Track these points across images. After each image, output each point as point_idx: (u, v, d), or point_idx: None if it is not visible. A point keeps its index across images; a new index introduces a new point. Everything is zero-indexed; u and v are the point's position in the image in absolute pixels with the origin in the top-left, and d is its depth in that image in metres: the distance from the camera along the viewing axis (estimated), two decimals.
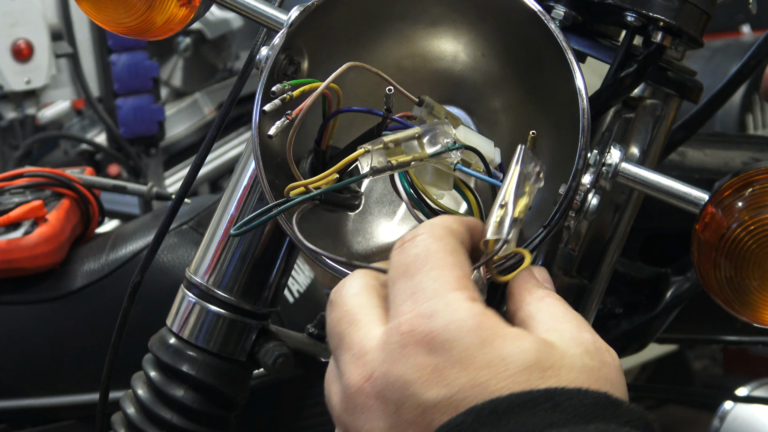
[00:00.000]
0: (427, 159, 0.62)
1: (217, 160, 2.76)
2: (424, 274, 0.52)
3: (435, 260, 0.53)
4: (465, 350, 0.49)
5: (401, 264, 0.54)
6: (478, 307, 0.51)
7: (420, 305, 0.50)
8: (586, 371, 0.50)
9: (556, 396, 0.47)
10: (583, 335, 0.52)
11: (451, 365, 0.48)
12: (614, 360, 0.52)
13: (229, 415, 0.85)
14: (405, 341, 0.50)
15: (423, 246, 0.54)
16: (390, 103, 0.65)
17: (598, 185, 0.68)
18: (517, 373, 0.48)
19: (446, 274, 0.52)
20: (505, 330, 0.50)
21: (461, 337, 0.49)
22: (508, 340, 0.49)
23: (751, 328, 0.74)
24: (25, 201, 1.21)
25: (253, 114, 0.68)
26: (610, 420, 0.46)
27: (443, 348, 0.49)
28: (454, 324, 0.49)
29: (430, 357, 0.49)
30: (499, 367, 0.48)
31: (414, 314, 0.50)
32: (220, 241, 0.84)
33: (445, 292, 0.51)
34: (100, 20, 0.80)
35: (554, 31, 0.66)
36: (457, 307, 0.50)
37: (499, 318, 0.51)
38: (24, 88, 2.37)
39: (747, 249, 0.68)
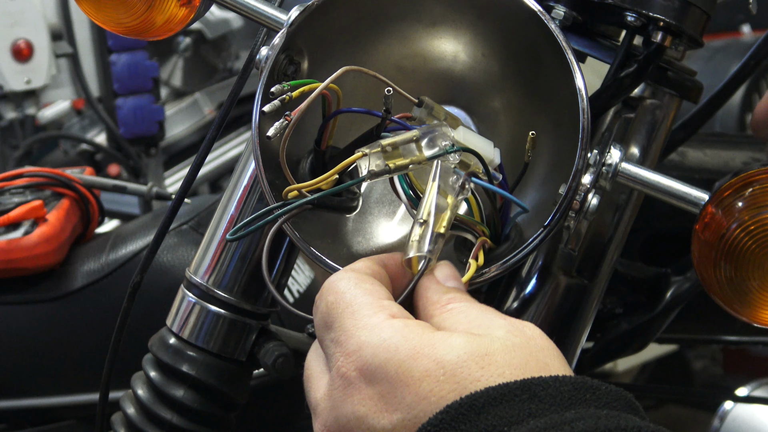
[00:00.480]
0: (425, 162, 0.62)
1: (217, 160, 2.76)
2: (340, 317, 0.54)
3: (345, 299, 0.54)
4: (400, 368, 0.49)
5: (320, 319, 0.56)
6: (399, 322, 0.52)
7: (346, 345, 0.52)
8: (518, 348, 0.50)
9: (532, 386, 0.47)
10: (496, 321, 0.53)
11: (393, 388, 0.49)
12: (535, 330, 0.53)
13: (229, 415, 0.85)
14: (345, 383, 0.51)
15: (331, 291, 0.56)
16: (389, 104, 0.65)
17: (598, 185, 0.68)
18: (456, 372, 0.48)
19: (359, 307, 0.53)
20: (432, 335, 0.51)
21: (391, 356, 0.50)
22: (437, 343, 0.50)
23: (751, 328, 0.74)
24: (25, 201, 1.21)
25: (253, 114, 0.68)
26: (588, 404, 0.47)
27: (380, 374, 0.50)
28: (381, 347, 0.50)
29: (372, 387, 0.50)
30: (437, 373, 0.49)
31: (345, 355, 0.51)
32: (220, 241, 0.84)
33: (362, 322, 0.52)
34: (100, 20, 0.80)
35: (554, 31, 0.66)
36: (378, 331, 0.51)
37: (423, 325, 0.52)
38: (24, 88, 2.37)
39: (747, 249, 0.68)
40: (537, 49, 0.69)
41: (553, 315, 0.79)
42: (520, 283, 0.80)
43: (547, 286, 0.80)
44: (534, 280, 0.80)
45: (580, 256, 0.79)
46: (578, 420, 0.45)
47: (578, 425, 0.44)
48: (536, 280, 0.80)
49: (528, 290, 0.80)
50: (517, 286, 0.80)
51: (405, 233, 0.75)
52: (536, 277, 0.80)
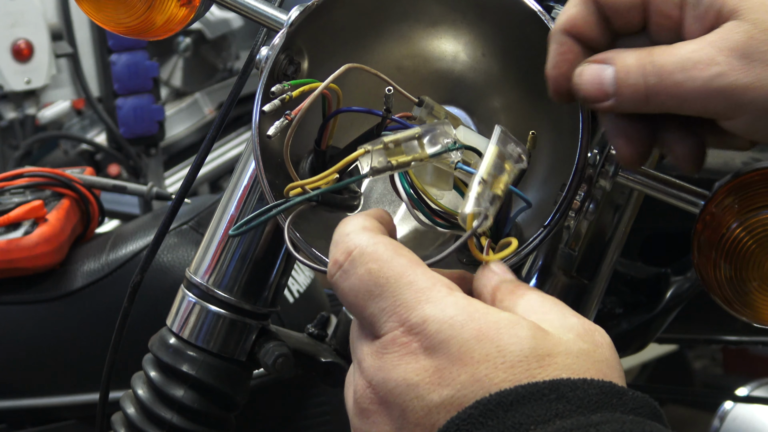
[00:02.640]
0: (427, 159, 0.62)
1: (217, 160, 2.76)
2: (393, 286, 0.52)
3: (392, 268, 0.53)
4: (462, 347, 0.49)
5: (359, 289, 0.53)
6: (463, 300, 0.51)
7: (408, 318, 0.51)
8: (582, 355, 0.50)
9: (560, 387, 0.47)
10: (569, 320, 0.52)
11: (451, 364, 0.49)
12: (605, 338, 0.52)
13: (229, 415, 0.85)
14: (402, 351, 0.50)
15: (369, 259, 0.54)
16: (389, 103, 0.65)
17: (598, 185, 0.68)
18: (515, 364, 0.48)
19: (413, 276, 0.52)
20: (499, 317, 0.50)
21: (455, 335, 0.49)
22: (503, 329, 0.50)
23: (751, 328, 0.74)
24: (25, 201, 1.21)
25: (253, 114, 0.68)
26: (614, 408, 0.47)
27: (441, 349, 0.49)
28: (446, 324, 0.50)
29: (430, 360, 0.50)
30: (497, 360, 0.48)
31: (406, 327, 0.51)
32: (220, 241, 0.84)
33: (424, 295, 0.51)
34: (100, 20, 0.80)
35: None
36: (443, 306, 0.51)
37: (489, 306, 0.52)
38: (24, 88, 2.37)
39: (747, 249, 0.68)
40: (537, 49, 0.69)
41: None
42: None
43: (547, 286, 0.80)
44: (534, 280, 0.80)
45: (580, 256, 0.79)
46: (604, 423, 0.45)
47: (604, 428, 0.44)
48: (536, 280, 0.80)
49: None
50: None
51: (406, 232, 0.75)
52: (536, 277, 0.80)
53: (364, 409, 0.52)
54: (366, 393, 0.52)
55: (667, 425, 0.48)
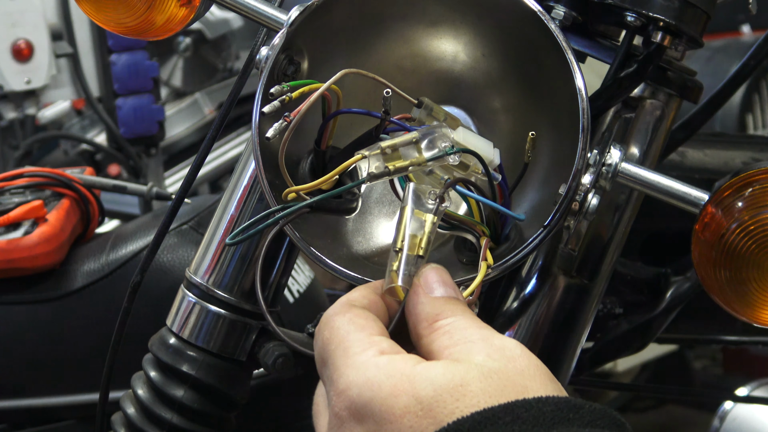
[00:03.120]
0: (425, 164, 0.62)
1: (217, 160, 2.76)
2: (333, 354, 0.55)
3: (338, 336, 0.55)
4: (383, 406, 0.51)
5: (318, 355, 0.57)
6: (385, 359, 0.53)
7: (338, 384, 0.53)
8: (495, 374, 0.51)
9: (515, 409, 0.48)
10: (477, 345, 0.53)
11: (378, 425, 0.51)
12: (515, 351, 0.53)
13: (229, 415, 0.85)
14: (339, 422, 0.53)
15: (327, 327, 0.57)
16: (388, 105, 0.65)
17: (598, 185, 0.68)
18: (433, 407, 0.50)
19: (350, 344, 0.54)
20: (412, 369, 0.52)
21: (374, 395, 0.51)
22: (417, 378, 0.51)
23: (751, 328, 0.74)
24: (25, 201, 1.21)
25: (253, 114, 0.68)
26: (571, 423, 0.48)
27: (366, 413, 0.51)
28: (365, 387, 0.52)
29: (361, 426, 0.52)
30: (416, 409, 0.50)
31: (337, 394, 0.53)
32: (220, 241, 0.84)
33: (352, 360, 0.53)
34: (100, 20, 0.80)
35: (554, 31, 0.66)
36: (364, 370, 0.52)
37: (407, 359, 0.53)
38: (24, 88, 2.37)
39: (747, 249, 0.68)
40: (537, 49, 0.69)
41: (553, 315, 0.79)
42: (520, 283, 0.80)
43: (547, 286, 0.80)
44: (534, 280, 0.80)
45: (580, 256, 0.79)
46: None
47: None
48: (536, 280, 0.80)
49: (528, 290, 0.80)
50: (517, 286, 0.80)
51: None
52: (536, 277, 0.80)
53: None
54: None
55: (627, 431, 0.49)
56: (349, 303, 0.58)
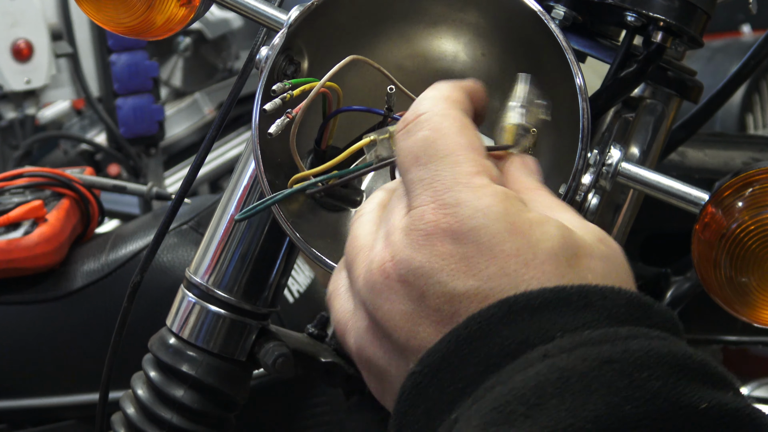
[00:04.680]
0: None
1: (217, 160, 2.76)
2: (439, 160, 0.50)
3: (446, 143, 0.50)
4: (493, 238, 0.47)
5: (410, 151, 0.51)
6: (502, 192, 0.49)
7: (442, 195, 0.49)
8: (605, 258, 0.49)
9: (589, 294, 0.45)
10: (588, 225, 0.51)
11: (480, 254, 0.47)
12: (618, 246, 0.51)
13: (229, 415, 0.85)
14: (429, 230, 0.48)
15: (430, 127, 0.51)
16: (391, 101, 0.65)
17: (598, 185, 0.68)
18: (545, 261, 0.47)
19: (462, 158, 0.50)
20: (529, 215, 0.49)
21: (488, 224, 0.47)
22: (535, 226, 0.48)
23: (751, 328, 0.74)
24: (25, 201, 1.21)
25: (254, 114, 0.68)
26: (641, 322, 0.45)
27: (471, 237, 0.47)
28: (480, 212, 0.48)
29: (457, 246, 0.47)
30: (527, 256, 0.47)
31: (437, 204, 0.48)
32: (220, 241, 0.83)
33: (465, 178, 0.49)
34: (100, 20, 0.80)
35: (554, 31, 0.66)
36: (481, 194, 0.48)
37: (521, 201, 0.50)
38: (24, 88, 2.37)
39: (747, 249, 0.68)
40: (537, 49, 0.69)
41: None
42: None
43: None
44: None
45: None
46: (632, 338, 0.43)
47: (632, 344, 0.43)
48: None
49: None
50: None
51: None
52: None
53: (383, 283, 0.49)
54: (386, 267, 0.49)
55: (685, 340, 0.47)
56: (456, 106, 0.53)
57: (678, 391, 0.41)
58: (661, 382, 0.41)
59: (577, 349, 0.43)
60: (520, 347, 0.44)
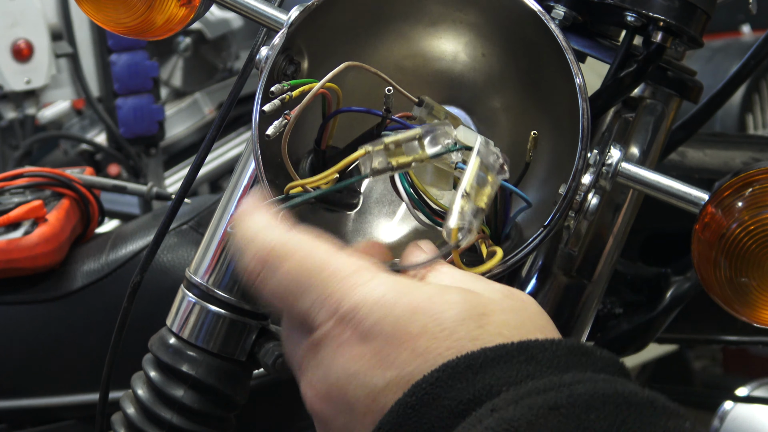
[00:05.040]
0: (428, 160, 0.62)
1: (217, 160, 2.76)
2: (316, 281, 0.50)
3: (311, 263, 0.51)
4: (396, 324, 0.48)
5: (284, 290, 0.52)
6: (390, 278, 0.50)
7: (337, 308, 0.49)
8: (513, 311, 0.49)
9: (529, 348, 0.46)
10: (491, 284, 0.52)
11: (388, 345, 0.47)
12: (528, 298, 0.52)
13: (229, 415, 0.85)
14: (335, 343, 0.49)
15: (290, 261, 0.52)
16: (389, 103, 0.65)
17: (598, 185, 0.68)
18: (454, 330, 0.47)
19: (335, 266, 0.50)
20: (428, 288, 0.49)
21: (388, 313, 0.48)
22: (435, 298, 0.48)
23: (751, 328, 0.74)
24: (25, 201, 1.21)
25: (253, 114, 0.68)
26: (585, 368, 0.46)
27: (375, 332, 0.48)
28: (376, 304, 0.48)
29: (365, 345, 0.48)
30: (435, 330, 0.47)
31: (336, 318, 0.49)
32: (220, 241, 0.84)
33: (350, 281, 0.50)
34: (100, 20, 0.80)
35: (554, 31, 0.66)
36: (371, 288, 0.49)
37: (413, 280, 0.51)
38: (24, 88, 2.37)
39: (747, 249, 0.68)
40: (537, 49, 0.69)
41: (553, 315, 0.79)
42: (520, 283, 0.80)
43: (547, 286, 0.80)
44: (534, 280, 0.80)
45: (580, 256, 0.79)
46: (577, 383, 0.44)
47: (577, 388, 0.44)
48: (536, 280, 0.80)
49: (528, 290, 0.80)
50: (517, 286, 0.80)
51: (406, 232, 0.75)
52: (536, 277, 0.80)
53: (315, 413, 0.51)
54: (311, 396, 0.51)
55: (634, 382, 0.48)
56: (294, 230, 0.53)
57: (627, 427, 0.42)
58: (608, 421, 0.42)
59: (523, 400, 0.43)
60: (468, 406, 0.45)
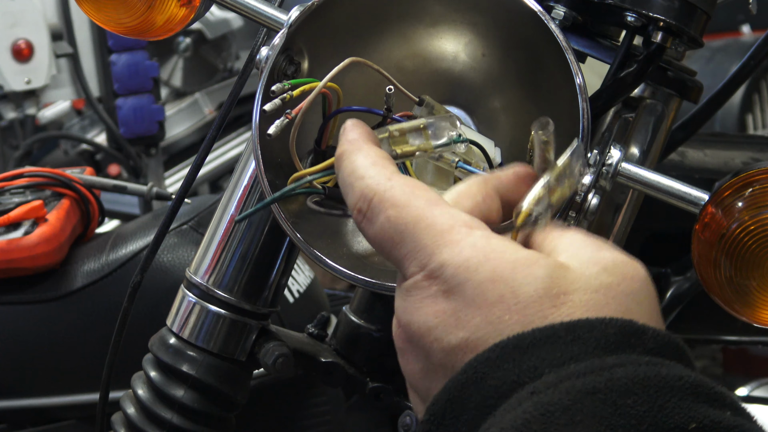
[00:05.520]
0: (432, 150, 0.62)
1: (217, 160, 2.76)
2: (413, 232, 0.52)
3: (410, 213, 0.52)
4: (476, 289, 0.49)
5: (382, 237, 0.53)
6: (481, 240, 0.50)
7: (427, 263, 0.50)
8: (602, 289, 0.48)
9: (577, 328, 0.46)
10: (601, 254, 0.51)
11: (466, 307, 0.49)
12: (637, 272, 0.50)
13: (229, 415, 0.85)
14: (423, 295, 0.50)
15: (385, 206, 0.53)
16: (390, 102, 0.65)
17: (598, 185, 0.68)
18: (529, 305, 0.47)
19: (431, 219, 0.51)
20: (517, 256, 0.49)
21: (471, 277, 0.49)
22: (519, 269, 0.49)
23: (751, 328, 0.74)
24: (25, 201, 1.21)
25: (254, 114, 0.68)
26: (632, 349, 0.46)
27: (458, 292, 0.49)
28: (461, 267, 0.49)
29: (448, 303, 0.49)
30: (510, 301, 0.48)
31: (425, 273, 0.50)
32: (220, 241, 0.84)
33: (442, 238, 0.51)
34: (100, 20, 0.80)
35: (554, 31, 0.66)
36: (460, 249, 0.50)
37: (510, 243, 0.51)
38: (24, 88, 2.37)
39: (747, 249, 0.68)
40: (537, 49, 0.69)
41: None
42: None
43: None
44: None
45: None
46: (618, 366, 0.44)
47: (617, 372, 0.43)
48: None
49: None
50: None
51: None
52: None
53: (399, 348, 0.53)
54: (397, 332, 0.52)
55: (690, 364, 0.47)
56: (399, 174, 0.54)
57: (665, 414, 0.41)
58: (646, 406, 0.42)
59: (562, 383, 0.44)
60: (512, 387, 0.45)
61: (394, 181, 0.54)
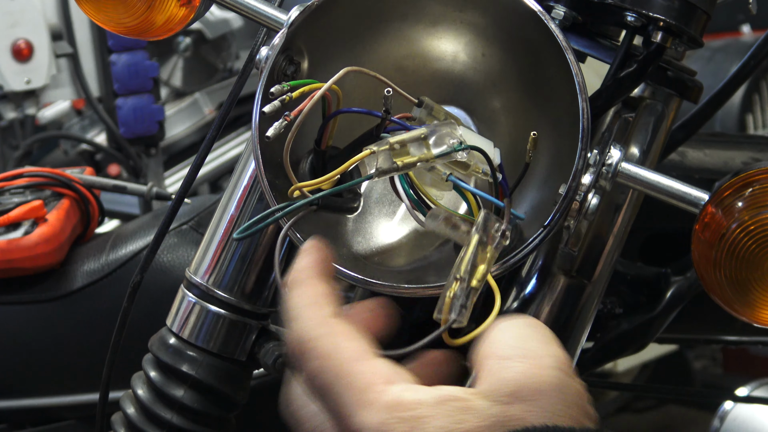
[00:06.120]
0: (433, 160, 0.62)
1: (217, 160, 2.76)
2: (334, 389, 0.54)
3: (333, 367, 0.55)
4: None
5: (310, 384, 0.56)
6: (399, 396, 0.53)
7: (346, 425, 0.53)
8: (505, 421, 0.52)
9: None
10: (511, 375, 0.54)
11: None
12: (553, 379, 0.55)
13: (229, 415, 0.85)
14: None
15: (316, 361, 0.55)
16: (389, 104, 0.65)
17: (598, 185, 0.68)
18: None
19: (352, 378, 0.54)
20: (425, 410, 0.52)
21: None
22: (424, 419, 0.52)
23: (751, 328, 0.74)
24: (25, 201, 1.21)
25: (253, 114, 0.68)
26: None
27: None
28: (378, 430, 0.52)
29: None
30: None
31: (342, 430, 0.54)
32: (220, 241, 0.84)
33: (359, 397, 0.53)
34: (100, 20, 0.80)
35: (554, 31, 0.66)
36: (377, 409, 0.52)
37: (425, 393, 0.53)
38: (24, 88, 2.36)
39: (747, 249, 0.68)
40: (537, 49, 0.69)
41: (553, 315, 0.79)
42: (520, 283, 0.80)
43: (547, 286, 0.80)
44: (534, 280, 0.80)
45: (580, 256, 0.79)
46: None
47: None
48: (536, 280, 0.80)
49: (528, 290, 0.80)
50: (517, 286, 0.80)
51: (406, 233, 0.75)
52: (536, 277, 0.80)
53: None
54: None
55: None
56: (331, 319, 0.57)
57: None
58: None
59: None
60: None
61: (324, 329, 0.56)
